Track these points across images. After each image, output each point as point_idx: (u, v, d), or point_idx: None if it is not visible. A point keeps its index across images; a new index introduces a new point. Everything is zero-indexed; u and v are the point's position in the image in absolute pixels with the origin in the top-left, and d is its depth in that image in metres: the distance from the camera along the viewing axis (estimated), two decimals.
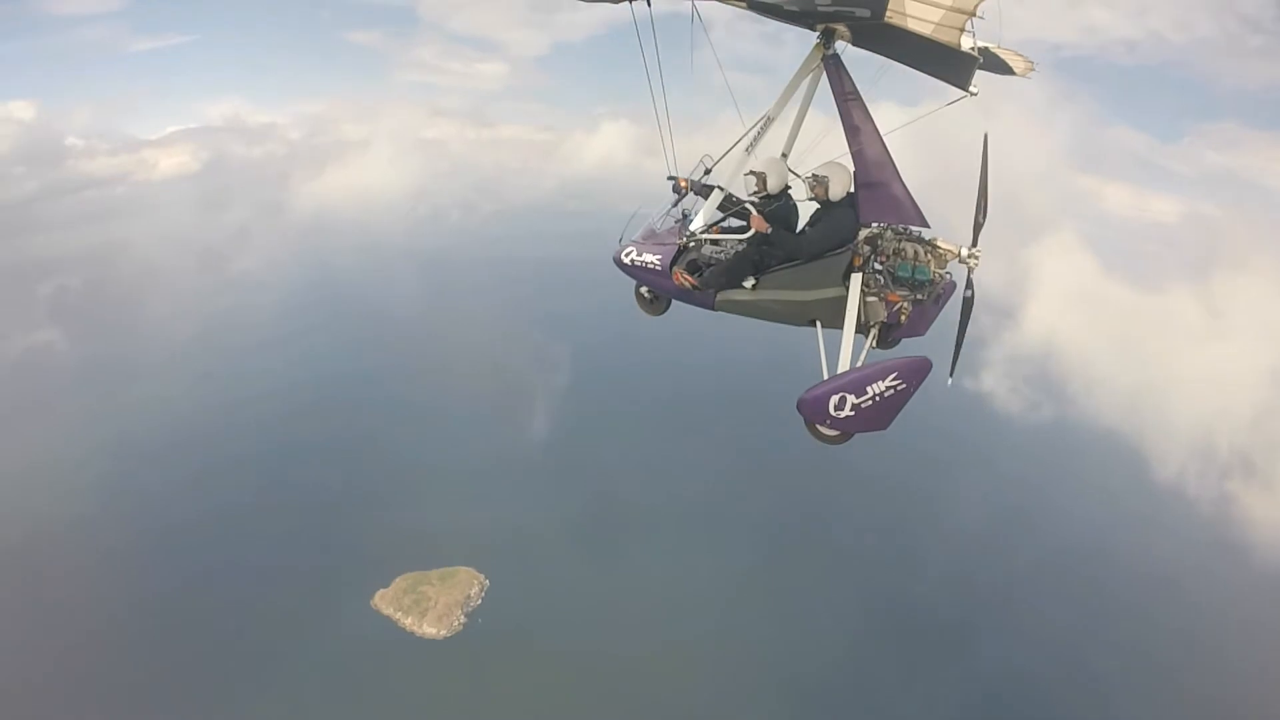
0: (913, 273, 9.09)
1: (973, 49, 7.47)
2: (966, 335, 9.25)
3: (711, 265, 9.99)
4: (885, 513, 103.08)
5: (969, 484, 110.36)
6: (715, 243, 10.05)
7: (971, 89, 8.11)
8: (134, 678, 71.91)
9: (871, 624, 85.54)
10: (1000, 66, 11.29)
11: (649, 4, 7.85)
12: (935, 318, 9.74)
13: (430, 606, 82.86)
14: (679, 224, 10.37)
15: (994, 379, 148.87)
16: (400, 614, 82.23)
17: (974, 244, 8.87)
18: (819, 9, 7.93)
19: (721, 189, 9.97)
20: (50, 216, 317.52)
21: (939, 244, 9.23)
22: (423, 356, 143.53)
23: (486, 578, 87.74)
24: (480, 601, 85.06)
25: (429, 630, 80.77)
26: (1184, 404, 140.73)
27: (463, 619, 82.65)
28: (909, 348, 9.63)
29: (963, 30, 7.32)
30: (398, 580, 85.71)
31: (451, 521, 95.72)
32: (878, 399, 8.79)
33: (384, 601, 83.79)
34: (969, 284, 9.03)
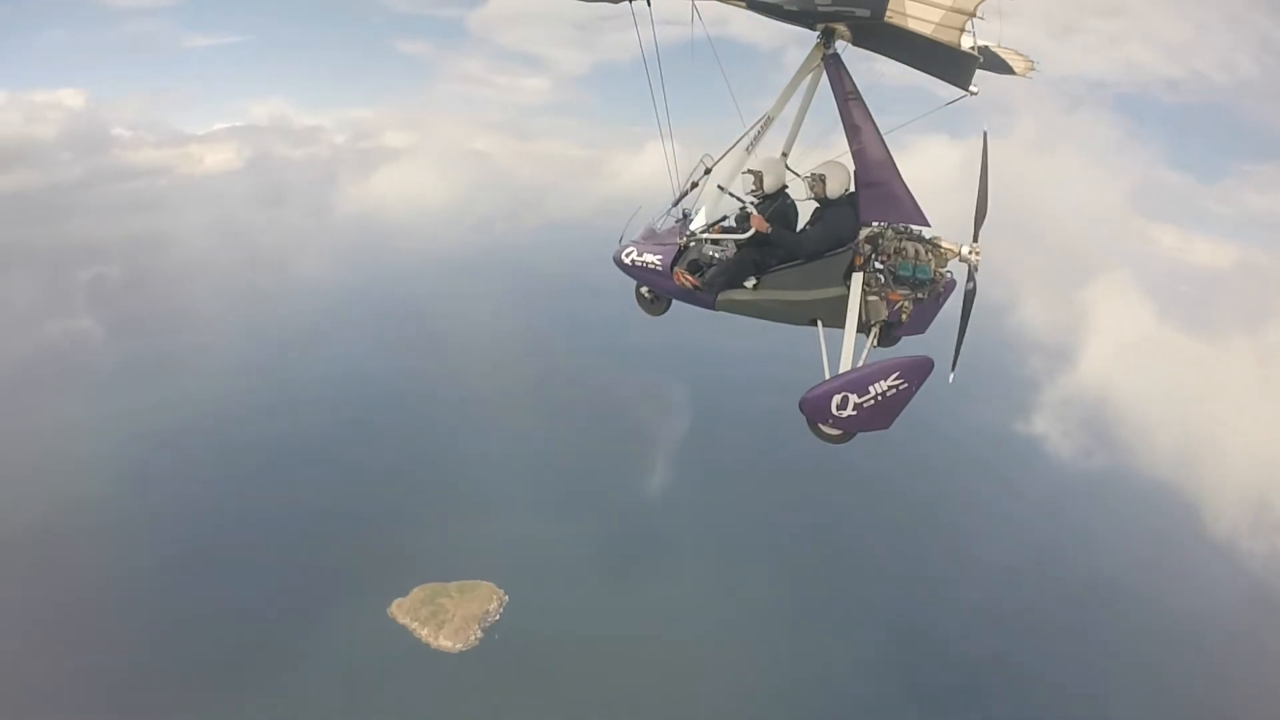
0: (914, 271, 9.12)
1: (973, 48, 7.56)
2: (968, 333, 9.16)
3: (712, 265, 10.02)
4: (925, 548, 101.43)
5: (1013, 524, 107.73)
6: (716, 242, 10.07)
7: (972, 88, 8.15)
8: (144, 676, 71.97)
9: (900, 660, 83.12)
10: (1000, 66, 11.23)
11: (649, 4, 7.99)
12: (936, 316, 9.77)
13: (448, 619, 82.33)
14: (679, 224, 10.42)
15: (1046, 422, 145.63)
16: (417, 624, 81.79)
17: (974, 240, 8.92)
18: (819, 9, 8.02)
19: (721, 188, 9.99)
20: (94, 203, 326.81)
21: (940, 243, 9.23)
22: (458, 368, 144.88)
23: (506, 593, 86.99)
24: (499, 617, 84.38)
25: (445, 643, 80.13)
26: (1240, 458, 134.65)
27: (480, 634, 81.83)
28: (908, 346, 9.65)
29: (963, 30, 7.41)
30: (416, 590, 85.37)
31: (474, 535, 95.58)
32: (880, 398, 8.82)
33: (401, 611, 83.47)
34: (970, 277, 9.02)
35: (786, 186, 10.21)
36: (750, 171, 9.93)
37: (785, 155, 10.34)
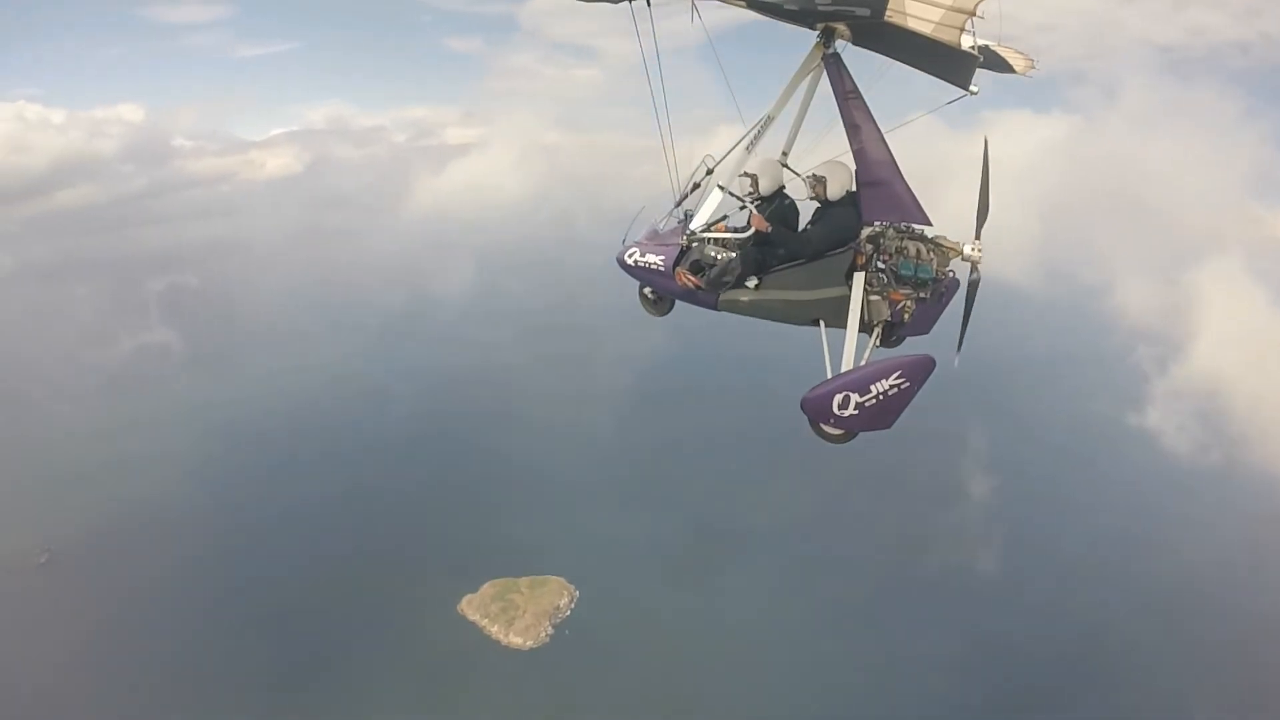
0: (915, 271, 9.12)
1: (973, 48, 7.52)
2: (972, 317, 9.31)
3: (714, 265, 10.08)
4: (1033, 546, 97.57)
5: (1131, 521, 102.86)
6: (718, 243, 10.15)
7: (972, 88, 8.06)
8: (213, 671, 73.74)
9: (988, 662, 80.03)
10: (1001, 65, 11.23)
11: (649, 3, 8.16)
12: (939, 316, 9.71)
13: (518, 615, 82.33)
14: (681, 224, 10.50)
15: (1160, 415, 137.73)
16: (487, 621, 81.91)
17: (977, 236, 8.92)
18: (819, 8, 8.05)
19: (722, 188, 10.05)
20: (159, 213, 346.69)
21: (942, 241, 9.19)
22: (531, 363, 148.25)
23: (577, 589, 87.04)
24: (570, 613, 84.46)
25: (515, 640, 80.00)
26: None
27: (550, 630, 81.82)
28: (910, 346, 9.63)
29: (963, 29, 7.37)
30: (486, 586, 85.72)
31: (546, 529, 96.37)
32: (881, 397, 8.89)
33: (471, 607, 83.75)
34: (974, 269, 9.08)
35: (784, 187, 10.31)
36: (746, 174, 10.01)
37: (785, 155, 10.40)
